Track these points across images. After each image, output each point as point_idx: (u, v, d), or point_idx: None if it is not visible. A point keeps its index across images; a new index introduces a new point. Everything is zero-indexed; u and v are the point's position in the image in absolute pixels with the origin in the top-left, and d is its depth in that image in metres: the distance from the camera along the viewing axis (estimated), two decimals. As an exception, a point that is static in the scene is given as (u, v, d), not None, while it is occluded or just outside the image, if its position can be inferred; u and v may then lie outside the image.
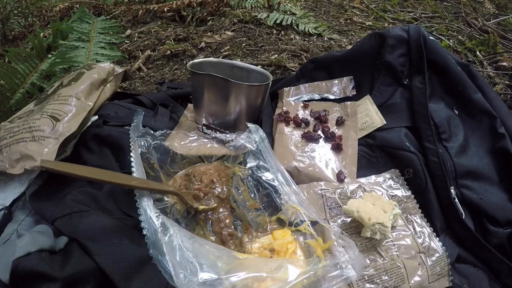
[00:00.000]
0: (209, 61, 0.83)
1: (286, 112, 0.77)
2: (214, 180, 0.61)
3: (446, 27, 1.55)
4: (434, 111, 0.70)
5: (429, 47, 0.74)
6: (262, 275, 0.40)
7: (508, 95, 1.03)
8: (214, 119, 0.77)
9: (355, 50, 0.82)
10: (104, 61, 1.00)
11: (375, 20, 1.61)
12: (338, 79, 0.82)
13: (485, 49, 1.30)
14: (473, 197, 0.63)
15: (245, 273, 0.39)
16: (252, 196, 0.61)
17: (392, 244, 0.56)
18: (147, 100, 0.84)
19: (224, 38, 1.32)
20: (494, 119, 0.69)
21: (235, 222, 0.57)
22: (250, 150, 0.67)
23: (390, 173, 0.67)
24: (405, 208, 0.62)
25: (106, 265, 0.45)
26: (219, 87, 0.73)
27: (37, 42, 1.15)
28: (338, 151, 0.70)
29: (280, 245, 0.51)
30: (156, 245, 0.42)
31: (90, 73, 0.77)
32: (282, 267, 0.41)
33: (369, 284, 0.51)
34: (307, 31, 1.39)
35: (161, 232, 0.43)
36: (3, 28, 1.45)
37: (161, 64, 1.22)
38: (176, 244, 0.41)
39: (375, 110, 0.74)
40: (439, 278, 0.54)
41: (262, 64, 1.17)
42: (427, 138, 0.67)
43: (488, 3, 1.94)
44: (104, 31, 1.27)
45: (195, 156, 0.68)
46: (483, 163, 0.66)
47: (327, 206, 0.60)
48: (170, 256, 0.40)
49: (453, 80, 0.73)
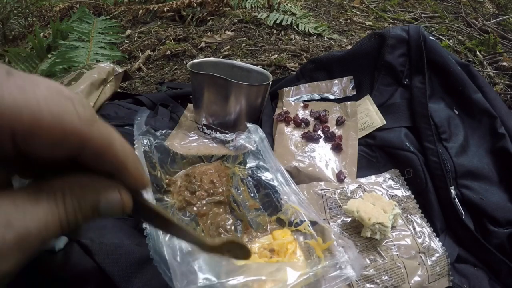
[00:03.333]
0: (209, 61, 0.83)
1: (286, 112, 0.77)
2: (214, 181, 0.61)
3: (446, 27, 1.55)
4: (434, 111, 0.71)
5: (429, 47, 0.74)
6: (262, 278, 0.40)
7: (508, 95, 1.03)
8: (214, 119, 0.77)
9: (355, 50, 0.82)
10: (104, 61, 1.00)
11: (375, 20, 1.61)
12: (338, 79, 0.82)
13: (485, 49, 1.30)
14: (473, 197, 0.63)
15: (244, 276, 0.39)
16: (252, 196, 0.61)
17: (392, 244, 0.56)
18: (147, 100, 0.84)
19: (224, 38, 1.32)
20: (494, 119, 0.69)
21: (235, 223, 0.57)
22: (250, 150, 0.67)
23: (390, 173, 0.67)
24: (405, 208, 0.62)
25: (106, 265, 0.45)
26: (219, 87, 0.73)
27: (37, 42, 1.15)
28: (338, 151, 0.70)
29: (279, 245, 0.51)
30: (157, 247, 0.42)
31: (90, 73, 0.77)
32: (281, 270, 0.41)
33: (369, 284, 0.51)
34: (307, 31, 1.39)
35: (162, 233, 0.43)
36: (3, 28, 1.45)
37: (161, 64, 1.22)
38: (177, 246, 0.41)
39: (375, 110, 0.74)
40: (439, 278, 0.54)
41: (262, 64, 1.17)
42: (427, 138, 0.67)
43: (488, 3, 1.94)
44: (104, 31, 1.27)
45: (195, 156, 0.68)
46: (483, 163, 0.66)
47: (327, 206, 0.60)
48: (170, 258, 0.40)
49: (453, 80, 0.73)
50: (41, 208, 0.18)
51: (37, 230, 0.18)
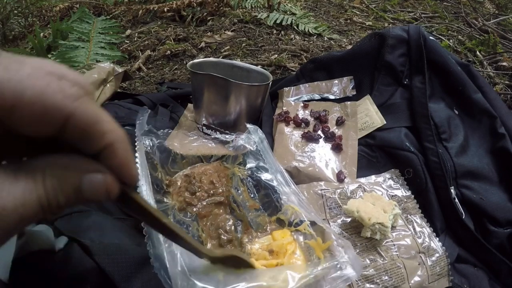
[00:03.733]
0: (209, 61, 0.83)
1: (286, 112, 0.77)
2: (213, 181, 0.61)
3: (446, 27, 1.55)
4: (434, 111, 0.71)
5: (429, 47, 0.74)
6: (263, 284, 0.39)
7: (508, 95, 1.03)
8: (214, 119, 0.77)
9: (355, 50, 0.82)
10: (104, 61, 1.00)
11: (375, 20, 1.61)
12: (338, 79, 0.82)
13: (485, 49, 1.30)
14: (473, 197, 0.63)
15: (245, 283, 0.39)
16: (252, 197, 0.61)
17: (392, 244, 0.56)
18: (147, 100, 0.84)
19: (224, 38, 1.32)
20: (494, 119, 0.69)
21: (235, 223, 0.57)
22: (249, 150, 0.67)
23: (390, 173, 0.67)
24: (405, 208, 0.62)
25: (106, 265, 0.45)
26: (219, 87, 0.73)
27: (37, 42, 1.15)
28: (338, 151, 0.70)
29: (279, 246, 0.51)
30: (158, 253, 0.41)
31: (90, 73, 0.77)
32: (282, 274, 0.41)
33: (369, 284, 0.51)
34: (307, 31, 1.39)
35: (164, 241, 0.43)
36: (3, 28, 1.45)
37: (161, 64, 1.22)
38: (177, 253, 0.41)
39: (375, 110, 0.74)
40: (439, 278, 0.54)
41: (262, 64, 1.17)
42: (427, 138, 0.67)
43: (488, 3, 1.94)
44: (104, 31, 1.27)
45: (195, 156, 0.68)
46: (483, 163, 0.66)
47: (327, 206, 0.60)
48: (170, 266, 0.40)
49: (453, 80, 0.73)
50: (19, 186, 0.18)
51: (13, 206, 0.18)
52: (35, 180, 0.19)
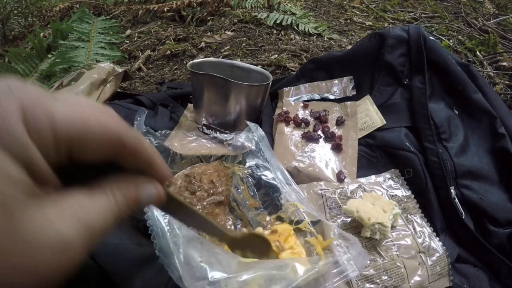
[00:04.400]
0: (209, 61, 0.83)
1: (286, 112, 0.77)
2: (213, 180, 0.61)
3: (446, 27, 1.55)
4: (434, 111, 0.71)
5: (429, 47, 0.74)
6: (272, 273, 0.40)
7: (508, 95, 1.03)
8: (214, 119, 0.77)
9: (355, 50, 0.82)
10: (104, 61, 1.00)
11: (375, 20, 1.61)
12: (338, 79, 0.82)
13: (485, 49, 1.30)
14: (473, 197, 0.63)
15: (254, 271, 0.40)
16: (252, 195, 0.61)
17: (392, 244, 0.56)
18: (147, 100, 0.84)
19: (224, 38, 1.32)
20: (494, 119, 0.69)
21: (235, 222, 0.57)
22: (249, 149, 0.67)
23: (390, 173, 0.67)
24: (405, 208, 0.62)
25: (106, 265, 0.45)
26: (219, 87, 0.73)
27: (37, 42, 1.15)
28: (338, 151, 0.70)
29: (283, 228, 0.51)
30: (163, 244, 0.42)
31: (90, 73, 0.77)
32: (289, 266, 0.42)
33: (369, 284, 0.51)
34: (307, 31, 1.39)
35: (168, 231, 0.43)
36: (3, 28, 1.45)
37: (161, 64, 1.22)
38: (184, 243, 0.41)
39: (375, 110, 0.74)
40: (439, 278, 0.54)
41: (262, 64, 1.17)
42: (427, 138, 0.67)
43: (488, 3, 1.94)
44: (104, 31, 1.27)
45: (194, 156, 0.68)
46: (483, 163, 0.66)
47: (327, 206, 0.60)
48: (177, 255, 0.40)
49: (453, 80, 0.73)
50: (98, 204, 0.22)
51: (99, 222, 0.21)
52: (109, 198, 0.22)
